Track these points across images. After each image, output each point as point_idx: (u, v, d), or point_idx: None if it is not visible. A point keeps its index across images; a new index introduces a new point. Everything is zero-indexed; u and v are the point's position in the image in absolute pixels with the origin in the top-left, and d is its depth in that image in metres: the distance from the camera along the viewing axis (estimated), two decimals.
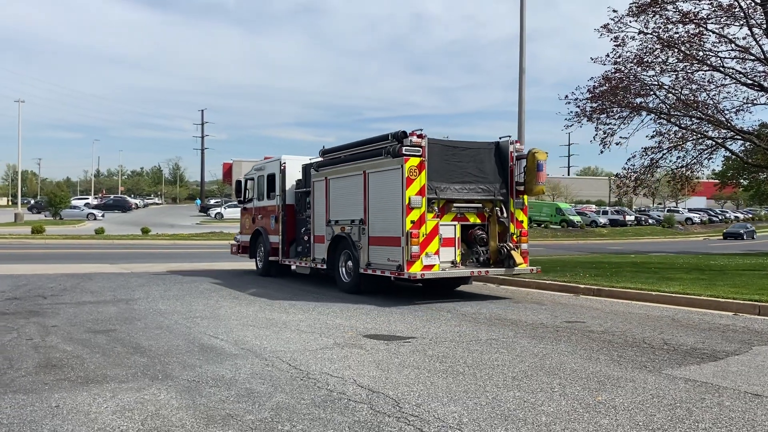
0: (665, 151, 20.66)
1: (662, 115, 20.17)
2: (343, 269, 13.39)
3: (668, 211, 73.93)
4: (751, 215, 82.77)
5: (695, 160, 21.18)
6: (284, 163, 15.87)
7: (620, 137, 20.39)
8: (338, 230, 13.44)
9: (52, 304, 11.09)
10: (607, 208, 72.54)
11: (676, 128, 20.45)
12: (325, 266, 13.90)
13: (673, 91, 20.16)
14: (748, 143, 21.38)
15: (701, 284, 13.44)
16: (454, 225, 12.09)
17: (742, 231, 57.47)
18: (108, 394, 5.34)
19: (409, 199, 11.32)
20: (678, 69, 19.74)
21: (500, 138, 12.84)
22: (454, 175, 12.00)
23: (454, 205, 12.08)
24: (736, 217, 75.79)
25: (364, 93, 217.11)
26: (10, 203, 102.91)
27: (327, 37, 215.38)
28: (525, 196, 12.72)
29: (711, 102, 20.22)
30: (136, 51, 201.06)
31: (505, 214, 12.44)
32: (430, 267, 11.52)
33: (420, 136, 11.53)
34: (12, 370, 6.20)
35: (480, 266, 12.23)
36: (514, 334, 8.37)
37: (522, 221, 12.68)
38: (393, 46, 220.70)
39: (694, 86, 20.13)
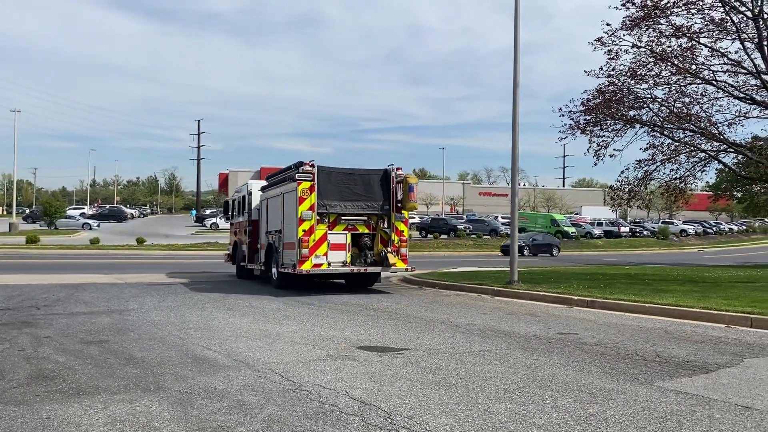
0: (659, 164, 20.75)
1: (656, 128, 20.27)
2: (274, 269, 16.56)
3: (663, 222, 74.16)
4: (745, 227, 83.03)
5: (689, 173, 21.27)
6: (251, 187, 19.38)
7: (614, 149, 20.45)
8: (270, 239, 16.90)
9: (45, 314, 11.05)
10: (602, 219, 72.70)
11: (670, 141, 20.56)
12: (264, 267, 17.51)
13: (667, 104, 20.26)
14: (741, 156, 21.50)
15: (694, 296, 13.47)
16: (346, 234, 15.35)
17: (522, 244, 42.71)
18: (99, 406, 5.33)
19: (302, 213, 14.64)
20: (671, 82, 19.86)
21: (388, 166, 15.94)
22: (345, 194, 15.26)
23: (344, 218, 15.30)
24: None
25: (362, 104, 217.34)
26: (5, 213, 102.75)
27: (324, 48, 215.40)
28: (405, 211, 15.77)
29: (704, 115, 20.35)
30: (134, 61, 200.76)
31: (387, 226, 15.63)
32: (319, 265, 14.84)
33: (311, 165, 14.91)
34: (3, 381, 6.17)
35: (366, 266, 15.41)
36: (507, 346, 8.38)
37: (402, 231, 15.82)
38: (390, 58, 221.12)
39: (687, 99, 20.25)
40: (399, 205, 15.62)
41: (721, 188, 47.38)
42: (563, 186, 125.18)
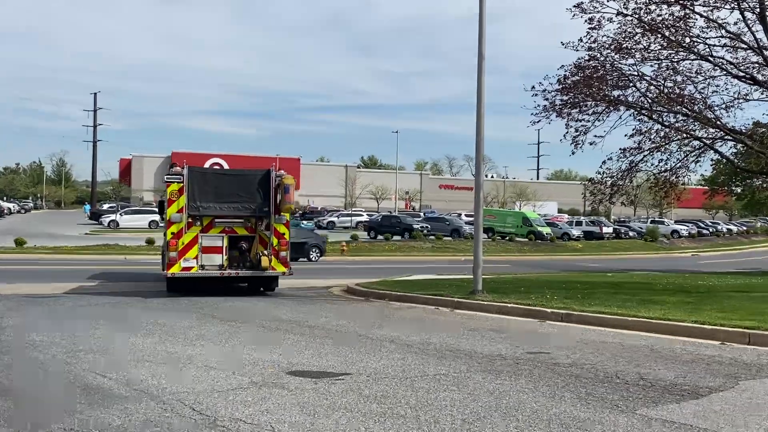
0: (646, 153, 21.19)
1: (643, 111, 20.69)
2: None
3: (651, 222, 76.06)
4: (745, 228, 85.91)
5: (680, 164, 21.83)
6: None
7: (594, 136, 20.79)
8: (163, 241, 18.98)
9: None
10: (582, 218, 74.30)
11: (659, 126, 20.97)
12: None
13: (656, 83, 20.70)
14: (740, 145, 22.16)
15: (686, 308, 13.88)
16: (222, 236, 17.31)
17: (304, 239, 38.61)
18: None
19: (170, 216, 16.65)
20: (661, 57, 20.26)
21: (270, 167, 17.96)
22: (220, 196, 17.05)
23: (219, 220, 17.20)
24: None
25: (299, 76, 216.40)
26: None
27: (255, 8, 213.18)
28: (286, 214, 17.48)
29: (698, 96, 20.85)
30: (14, 20, 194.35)
31: (266, 228, 17.42)
32: (189, 269, 16.78)
33: (182, 167, 16.93)
34: None
35: (246, 269, 17.33)
36: (468, 368, 8.48)
37: (283, 233, 17.53)
38: (334, 23, 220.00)
39: (679, 78, 20.73)
40: (279, 206, 17.36)
41: (717, 182, 48.36)
42: (537, 178, 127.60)
